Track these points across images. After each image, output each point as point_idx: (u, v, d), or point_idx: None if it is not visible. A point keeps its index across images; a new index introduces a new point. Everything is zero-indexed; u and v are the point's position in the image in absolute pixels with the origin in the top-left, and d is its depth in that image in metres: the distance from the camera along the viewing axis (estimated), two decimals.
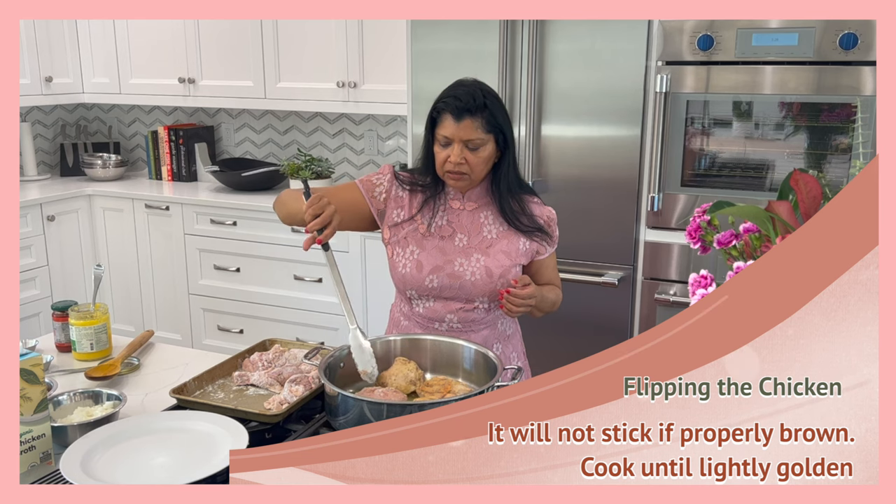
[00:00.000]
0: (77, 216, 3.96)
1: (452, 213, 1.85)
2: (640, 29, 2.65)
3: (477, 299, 1.82)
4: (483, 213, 1.84)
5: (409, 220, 1.86)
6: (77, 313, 1.86)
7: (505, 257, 1.82)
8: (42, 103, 4.06)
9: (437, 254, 1.82)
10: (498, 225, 1.84)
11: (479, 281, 1.79)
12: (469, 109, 1.72)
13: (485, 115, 1.73)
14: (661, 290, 2.77)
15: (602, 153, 2.78)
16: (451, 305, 1.82)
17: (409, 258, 1.83)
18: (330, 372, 1.48)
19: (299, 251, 3.53)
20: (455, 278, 1.80)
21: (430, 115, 1.79)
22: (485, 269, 1.80)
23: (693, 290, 0.99)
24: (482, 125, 1.73)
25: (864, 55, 2.39)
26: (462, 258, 1.81)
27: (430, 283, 1.81)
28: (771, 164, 2.57)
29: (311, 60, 3.62)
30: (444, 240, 1.83)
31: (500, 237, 1.83)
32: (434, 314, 1.84)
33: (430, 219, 1.84)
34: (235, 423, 1.39)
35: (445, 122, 1.74)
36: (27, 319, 3.71)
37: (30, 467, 1.34)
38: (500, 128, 1.76)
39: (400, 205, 1.86)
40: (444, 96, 1.76)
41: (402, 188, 1.87)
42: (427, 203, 1.85)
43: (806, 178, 1.05)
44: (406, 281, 1.83)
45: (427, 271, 1.81)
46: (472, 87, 1.76)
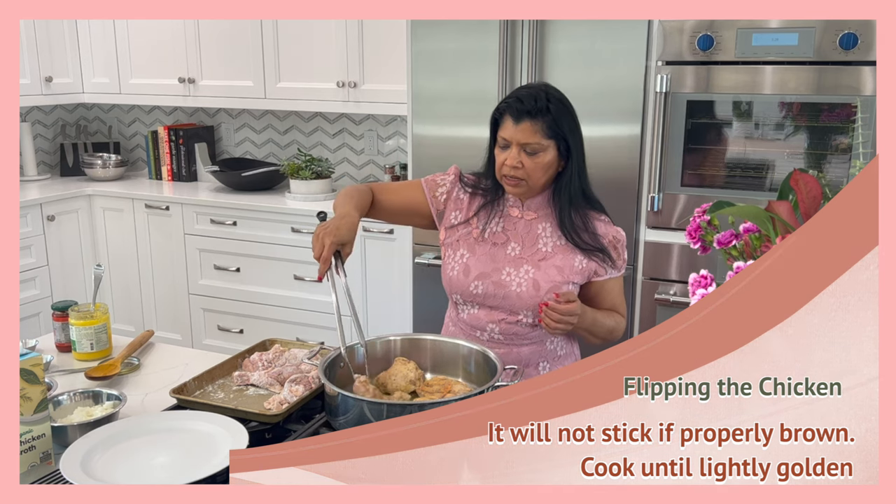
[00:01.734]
0: (77, 216, 3.96)
1: (510, 221, 1.79)
2: (640, 29, 2.65)
3: (521, 312, 1.75)
4: (542, 225, 1.77)
5: (464, 222, 1.81)
6: (77, 313, 1.86)
7: (557, 272, 1.74)
8: (42, 103, 4.06)
9: (487, 260, 1.77)
10: (556, 238, 1.76)
11: (525, 293, 1.73)
12: (529, 112, 1.66)
13: (547, 119, 1.67)
14: (661, 290, 2.77)
15: (602, 153, 2.78)
16: (495, 315, 1.77)
17: (458, 261, 1.79)
18: (330, 372, 1.48)
19: (299, 251, 3.54)
20: (500, 287, 1.74)
21: (492, 117, 1.74)
22: (532, 281, 1.73)
23: (693, 290, 0.99)
24: (542, 129, 1.66)
25: (864, 55, 2.39)
26: (511, 267, 1.75)
27: (475, 290, 1.76)
28: (771, 164, 2.57)
29: (311, 60, 3.62)
30: (497, 247, 1.77)
31: (555, 251, 1.75)
32: (477, 322, 1.79)
33: (486, 224, 1.79)
34: (235, 423, 1.39)
35: (506, 124, 1.68)
36: (27, 319, 3.71)
37: (30, 467, 1.34)
38: (563, 135, 1.69)
39: (459, 207, 1.83)
40: (508, 97, 1.72)
41: (463, 190, 1.84)
42: (485, 207, 1.80)
43: (806, 178, 1.05)
44: (452, 284, 1.80)
45: (473, 276, 1.76)
46: (537, 90, 1.70)
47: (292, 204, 3.59)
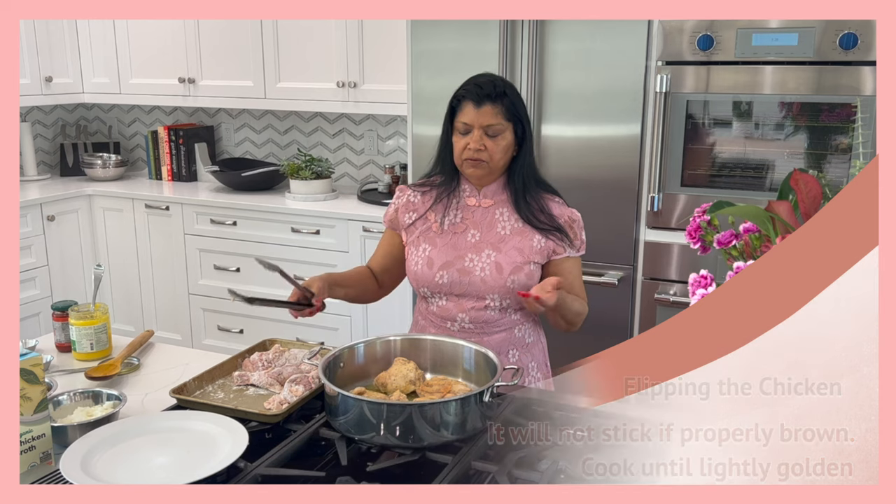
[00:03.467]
0: (77, 216, 3.96)
1: (467, 210, 1.85)
2: (640, 29, 2.65)
3: (488, 296, 1.80)
4: (499, 210, 1.84)
5: (420, 218, 1.88)
6: (77, 313, 1.86)
7: (517, 254, 1.80)
8: (42, 103, 4.06)
9: (449, 250, 1.83)
10: (513, 221, 1.83)
11: (489, 277, 1.78)
12: (489, 95, 1.75)
13: (505, 102, 1.76)
14: (661, 290, 2.77)
15: (602, 153, 2.78)
16: (463, 304, 1.81)
17: (420, 255, 1.84)
18: (330, 372, 1.48)
19: (299, 251, 3.54)
20: (465, 274, 1.80)
21: (449, 106, 1.82)
22: (495, 264, 1.79)
23: (693, 290, 0.99)
24: (502, 111, 1.75)
25: (864, 55, 2.39)
26: (473, 254, 1.81)
27: (440, 280, 1.81)
28: (771, 164, 2.57)
29: (311, 60, 3.62)
30: (457, 236, 1.84)
31: (513, 233, 1.82)
32: (447, 313, 1.83)
33: (443, 216, 1.85)
34: (235, 423, 1.38)
35: (466, 109, 1.77)
36: (27, 319, 3.71)
37: (30, 467, 1.34)
38: (520, 118, 1.78)
39: (411, 208, 1.90)
40: (465, 85, 1.80)
41: (413, 194, 1.91)
42: (440, 201, 1.86)
43: (806, 178, 1.05)
44: (418, 278, 1.85)
45: (437, 267, 1.82)
46: (492, 77, 1.80)
47: (292, 204, 3.59)
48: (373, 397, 1.43)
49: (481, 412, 1.38)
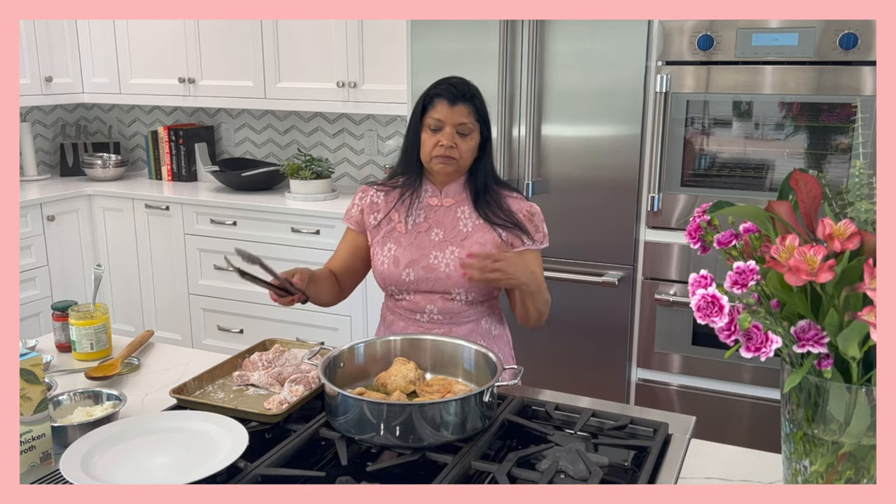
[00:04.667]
0: (77, 216, 3.96)
1: (430, 210, 1.90)
2: (640, 29, 2.65)
3: (454, 290, 1.84)
4: (460, 209, 1.89)
5: (385, 218, 1.91)
6: (77, 313, 1.86)
7: (479, 248, 1.84)
8: (42, 103, 4.06)
9: (414, 249, 1.87)
10: (474, 219, 1.88)
11: (453, 272, 1.83)
12: (463, 95, 1.81)
13: (476, 103, 1.83)
14: (661, 290, 2.77)
15: (602, 153, 2.78)
16: (432, 297, 1.86)
17: (386, 255, 1.88)
18: (330, 372, 1.48)
19: (299, 251, 3.54)
20: (430, 270, 1.84)
21: (420, 103, 1.85)
22: (458, 260, 1.83)
23: (693, 290, 0.99)
24: (473, 112, 1.82)
25: (864, 55, 2.39)
26: (437, 251, 1.85)
27: (407, 277, 1.85)
28: (771, 164, 2.57)
29: (311, 60, 3.62)
30: (421, 234, 1.88)
31: (475, 230, 1.87)
32: (415, 306, 1.88)
33: (407, 216, 1.90)
34: (235, 423, 1.38)
35: (439, 107, 1.81)
36: (27, 319, 3.71)
37: (30, 467, 1.34)
38: (486, 120, 1.85)
39: (375, 209, 1.94)
40: (438, 84, 1.84)
41: (376, 194, 1.95)
42: (403, 201, 1.90)
43: (806, 178, 1.04)
44: (385, 277, 1.89)
45: (403, 265, 1.86)
46: (462, 79, 1.85)
47: (292, 204, 3.59)
48: (373, 397, 1.43)
49: (481, 412, 1.38)
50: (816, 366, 1.00)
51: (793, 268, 0.92)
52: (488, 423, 1.40)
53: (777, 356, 1.03)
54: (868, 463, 1.01)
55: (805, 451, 1.06)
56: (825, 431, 1.03)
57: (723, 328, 0.97)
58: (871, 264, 0.90)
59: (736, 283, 1.00)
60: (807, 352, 0.97)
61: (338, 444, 1.36)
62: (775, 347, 0.96)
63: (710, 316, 0.97)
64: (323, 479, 1.28)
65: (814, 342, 0.97)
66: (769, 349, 0.96)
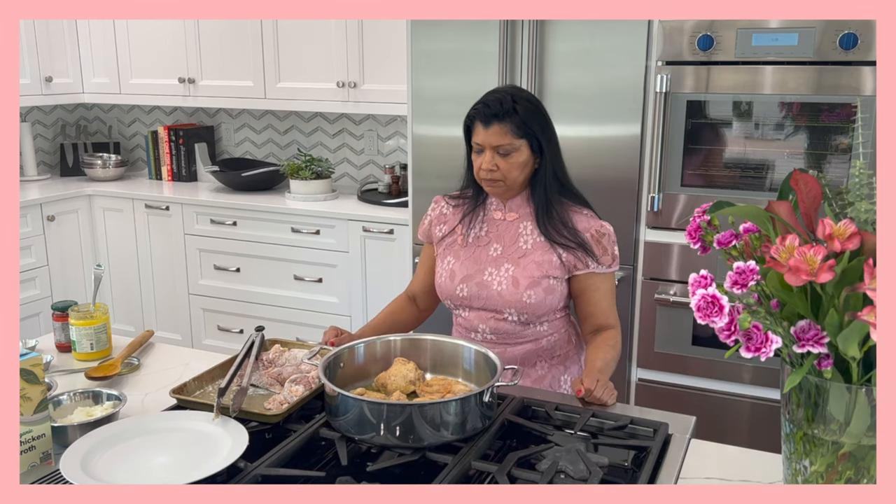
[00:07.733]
0: (77, 216, 3.96)
1: (493, 224, 1.85)
2: (640, 29, 2.65)
3: (505, 310, 1.78)
4: (523, 224, 1.82)
5: (450, 232, 1.89)
6: (77, 313, 1.86)
7: (536, 268, 1.77)
8: (42, 103, 4.06)
9: (470, 263, 1.83)
10: (536, 236, 1.80)
11: (505, 291, 1.77)
12: (497, 115, 1.71)
13: (515, 120, 1.72)
14: (661, 290, 2.77)
15: (602, 153, 2.78)
16: (484, 315, 1.81)
17: (445, 268, 1.86)
18: (330, 372, 1.48)
19: (299, 251, 3.54)
20: (483, 287, 1.79)
21: (464, 125, 1.80)
22: (512, 278, 1.77)
23: (693, 290, 0.99)
24: (512, 130, 1.72)
25: (864, 55, 2.39)
26: (492, 268, 1.80)
27: (461, 293, 1.82)
28: (771, 164, 2.57)
29: (311, 60, 3.62)
30: (480, 249, 1.83)
31: (535, 248, 1.79)
32: (469, 324, 1.84)
33: (469, 229, 1.86)
34: (235, 423, 1.38)
35: (477, 130, 1.75)
36: (27, 319, 3.71)
37: (30, 467, 1.34)
38: (534, 133, 1.74)
39: (443, 220, 1.91)
40: (476, 104, 1.77)
41: (447, 206, 1.92)
42: (468, 214, 1.87)
43: (806, 178, 1.04)
44: (441, 290, 1.87)
45: (458, 280, 1.82)
46: (503, 93, 1.75)
47: (292, 204, 3.59)
48: (373, 397, 1.43)
49: (481, 412, 1.38)
50: (816, 366, 1.00)
51: (793, 268, 0.92)
52: (488, 423, 1.40)
53: (777, 356, 1.03)
54: (868, 463, 1.01)
55: (805, 451, 1.06)
56: (825, 431, 1.03)
57: (723, 328, 0.97)
58: (871, 264, 0.90)
59: (736, 283, 1.00)
60: (807, 352, 0.97)
61: (338, 445, 1.36)
62: (775, 347, 0.96)
63: (710, 316, 0.97)
64: (323, 480, 1.28)
65: (814, 342, 0.97)
66: (769, 349, 0.96)
